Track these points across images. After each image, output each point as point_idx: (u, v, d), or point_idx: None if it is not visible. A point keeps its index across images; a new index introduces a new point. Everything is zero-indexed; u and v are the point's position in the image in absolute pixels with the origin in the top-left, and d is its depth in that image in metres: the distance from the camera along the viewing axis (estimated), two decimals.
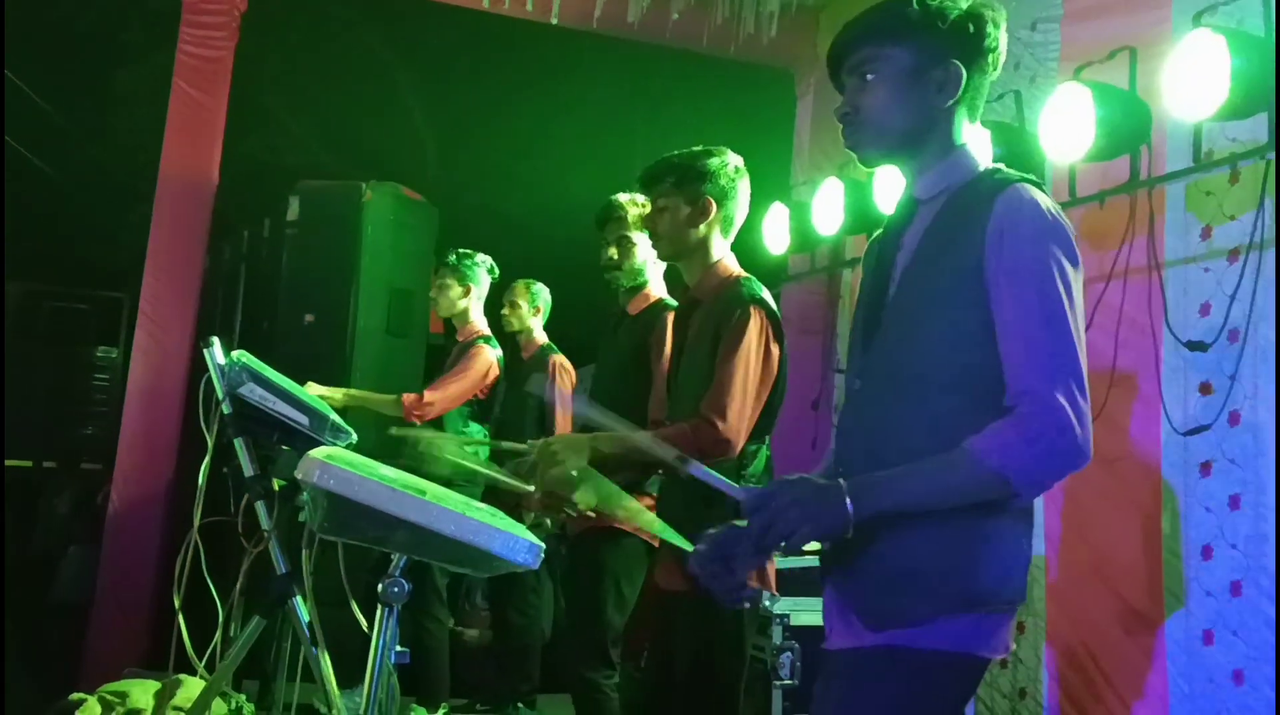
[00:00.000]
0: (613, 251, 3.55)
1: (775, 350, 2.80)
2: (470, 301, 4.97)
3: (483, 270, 4.99)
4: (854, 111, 1.86)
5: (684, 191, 2.90)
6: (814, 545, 1.77)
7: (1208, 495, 3.60)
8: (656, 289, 3.55)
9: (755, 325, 2.75)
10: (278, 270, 5.74)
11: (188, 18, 5.53)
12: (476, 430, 4.91)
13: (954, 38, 1.81)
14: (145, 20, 6.26)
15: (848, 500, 1.65)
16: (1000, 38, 1.85)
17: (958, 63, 1.81)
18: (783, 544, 1.66)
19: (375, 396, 4.77)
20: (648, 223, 3.04)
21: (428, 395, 4.70)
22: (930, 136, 1.85)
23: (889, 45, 1.82)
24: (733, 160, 2.96)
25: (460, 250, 5.02)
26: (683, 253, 2.95)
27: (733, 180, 2.93)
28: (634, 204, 3.51)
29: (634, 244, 3.51)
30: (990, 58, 1.85)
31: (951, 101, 1.83)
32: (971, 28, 1.82)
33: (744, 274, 2.93)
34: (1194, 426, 3.61)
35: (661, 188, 2.93)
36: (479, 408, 4.91)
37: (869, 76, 1.84)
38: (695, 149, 2.95)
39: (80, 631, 5.22)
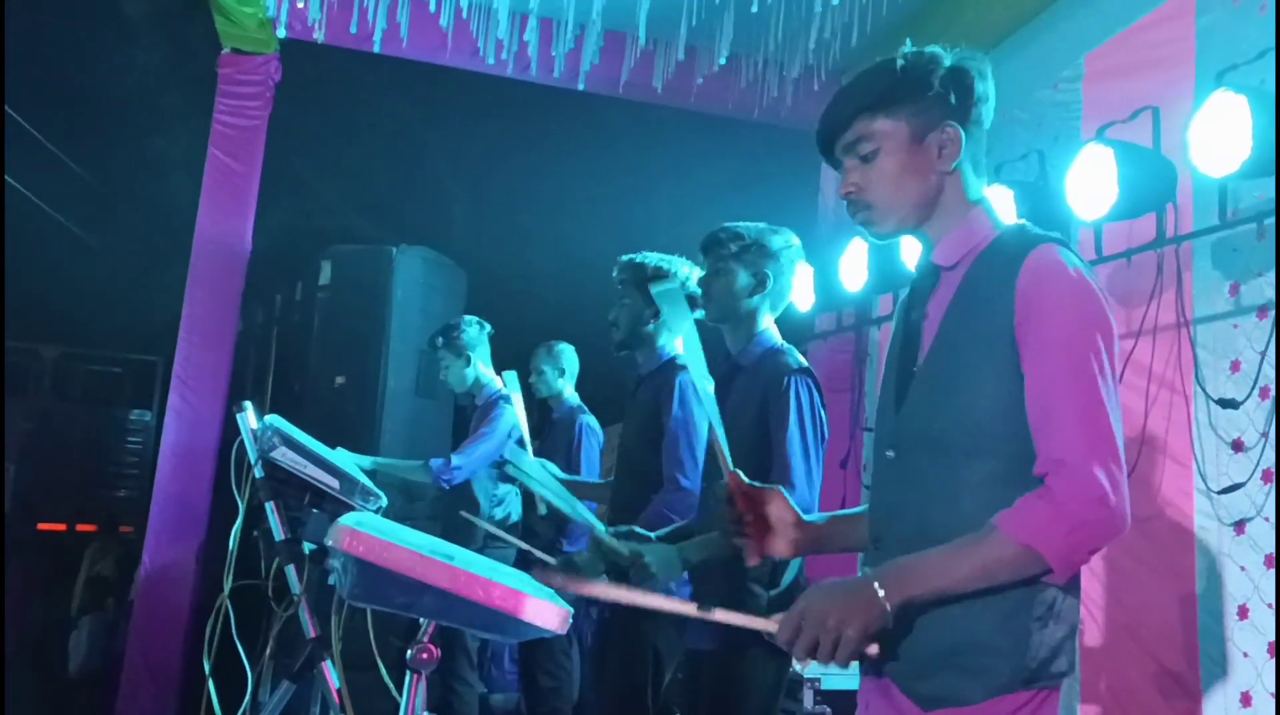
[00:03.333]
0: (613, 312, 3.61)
1: (823, 416, 2.87)
2: (476, 368, 4.98)
3: (472, 332, 4.98)
4: (858, 190, 1.83)
5: (743, 261, 2.97)
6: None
7: (1242, 554, 3.55)
8: (669, 348, 3.56)
9: (805, 393, 2.82)
10: (309, 333, 5.82)
11: (223, 88, 5.65)
12: (507, 490, 4.91)
13: (944, 99, 1.79)
14: (181, 88, 6.38)
15: (878, 589, 1.61)
16: (988, 87, 1.83)
17: (953, 123, 1.79)
18: (834, 657, 1.60)
19: (403, 463, 4.78)
20: (703, 283, 3.09)
21: (455, 459, 4.70)
22: (941, 201, 1.82)
23: (880, 118, 1.79)
24: (794, 241, 3.03)
25: (443, 328, 5.05)
26: (730, 318, 3.01)
27: (791, 261, 3.02)
28: (627, 267, 3.56)
29: (624, 307, 3.55)
30: (983, 108, 1.82)
31: (955, 163, 1.80)
32: (959, 85, 1.79)
33: (786, 345, 2.98)
34: (1227, 485, 3.57)
35: (722, 252, 3.00)
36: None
37: (867, 152, 1.81)
38: (761, 225, 3.02)
39: (111, 695, 5.23)
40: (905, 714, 1.71)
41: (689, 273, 3.49)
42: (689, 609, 1.77)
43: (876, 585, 1.61)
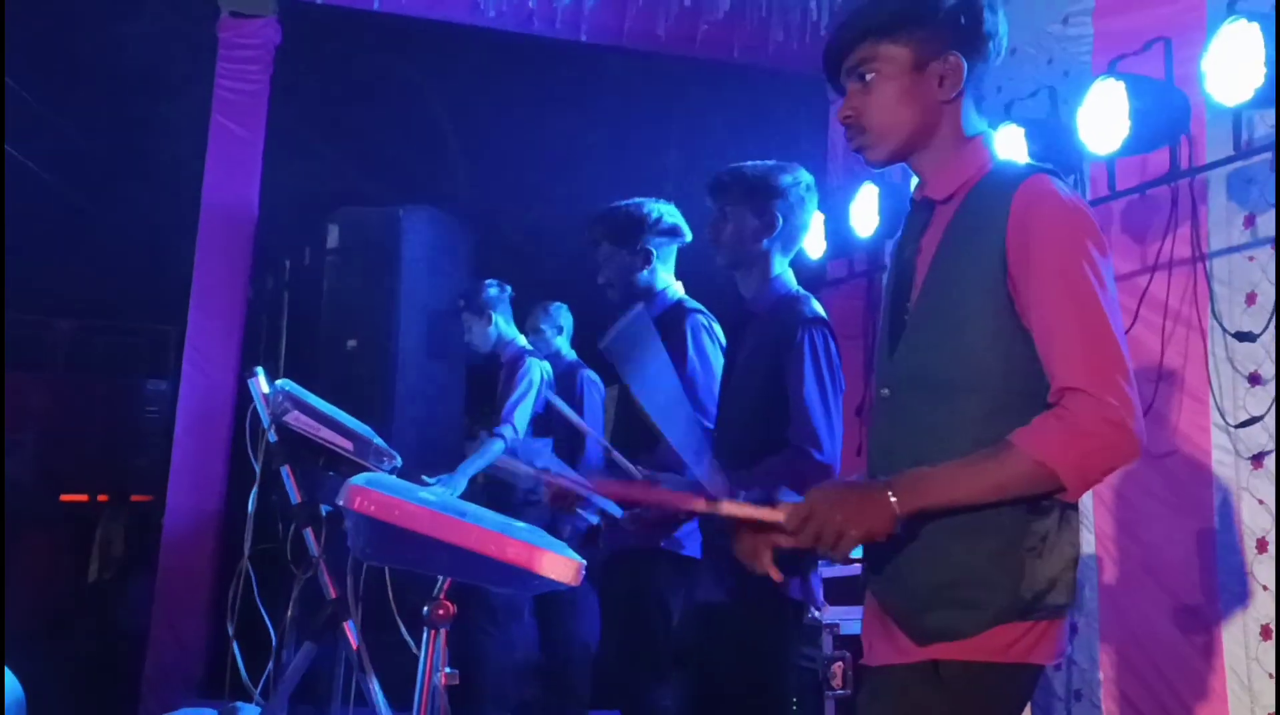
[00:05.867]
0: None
1: (839, 365, 2.82)
2: (498, 326, 5.01)
3: (491, 293, 5.02)
4: (856, 114, 1.84)
5: (751, 204, 2.89)
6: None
7: (1261, 488, 3.53)
8: (671, 291, 3.52)
9: (821, 343, 2.76)
10: (319, 297, 5.81)
11: (224, 53, 5.63)
12: (542, 444, 4.92)
13: (950, 28, 1.78)
14: (183, 55, 6.34)
15: (890, 496, 1.62)
16: (999, 23, 1.82)
17: (957, 53, 1.78)
18: (833, 551, 1.62)
19: (484, 456, 4.75)
20: (710, 229, 3.01)
21: (506, 430, 4.72)
22: (938, 132, 1.82)
23: (884, 43, 1.79)
24: (804, 179, 2.94)
25: (463, 290, 5.08)
26: (742, 263, 2.95)
27: (802, 199, 2.93)
28: (599, 224, 3.50)
29: (611, 266, 3.49)
30: (990, 44, 1.82)
31: (955, 94, 1.80)
32: (966, 16, 1.79)
33: (802, 291, 2.92)
34: (1244, 418, 3.55)
35: (729, 197, 2.93)
36: (541, 421, 4.94)
37: (868, 77, 1.81)
38: (769, 163, 2.94)
39: (138, 662, 5.29)
40: (904, 651, 1.73)
41: (653, 209, 3.44)
42: (699, 504, 1.80)
43: (890, 493, 1.62)
